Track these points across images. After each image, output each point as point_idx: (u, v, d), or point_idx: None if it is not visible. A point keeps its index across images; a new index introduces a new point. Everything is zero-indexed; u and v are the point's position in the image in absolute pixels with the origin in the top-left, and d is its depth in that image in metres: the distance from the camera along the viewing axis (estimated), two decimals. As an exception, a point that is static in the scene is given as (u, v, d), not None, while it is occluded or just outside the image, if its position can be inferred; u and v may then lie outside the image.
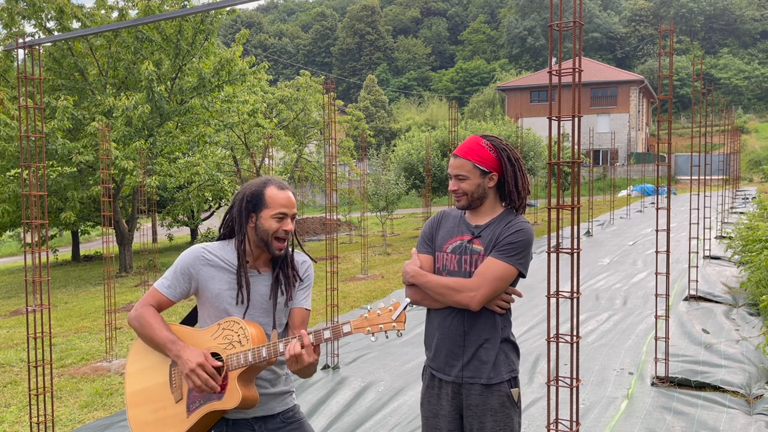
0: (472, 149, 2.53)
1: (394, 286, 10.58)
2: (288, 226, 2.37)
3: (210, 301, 2.39)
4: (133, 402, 2.41)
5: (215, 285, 2.38)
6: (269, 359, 2.24)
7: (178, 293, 2.40)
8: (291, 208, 2.39)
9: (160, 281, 2.42)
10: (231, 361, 2.26)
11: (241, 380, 2.25)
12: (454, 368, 2.53)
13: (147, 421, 2.37)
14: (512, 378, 2.54)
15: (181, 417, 2.31)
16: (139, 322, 2.36)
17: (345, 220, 24.91)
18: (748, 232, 9.16)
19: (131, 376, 2.44)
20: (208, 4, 3.45)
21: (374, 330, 2.15)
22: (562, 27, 2.79)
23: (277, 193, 2.37)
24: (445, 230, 2.64)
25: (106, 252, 7.53)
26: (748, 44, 69.51)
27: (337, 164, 7.58)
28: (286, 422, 2.47)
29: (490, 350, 2.50)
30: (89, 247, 25.48)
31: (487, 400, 2.49)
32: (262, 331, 2.33)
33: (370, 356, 6.24)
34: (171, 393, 2.35)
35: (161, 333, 2.32)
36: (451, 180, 2.59)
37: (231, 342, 2.27)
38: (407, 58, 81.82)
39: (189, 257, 2.40)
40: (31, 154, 4.03)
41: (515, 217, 2.56)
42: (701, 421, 4.43)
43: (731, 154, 22.69)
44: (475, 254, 2.52)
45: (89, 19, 14.63)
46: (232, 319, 2.31)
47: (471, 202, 2.55)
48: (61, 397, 5.65)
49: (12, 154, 13.07)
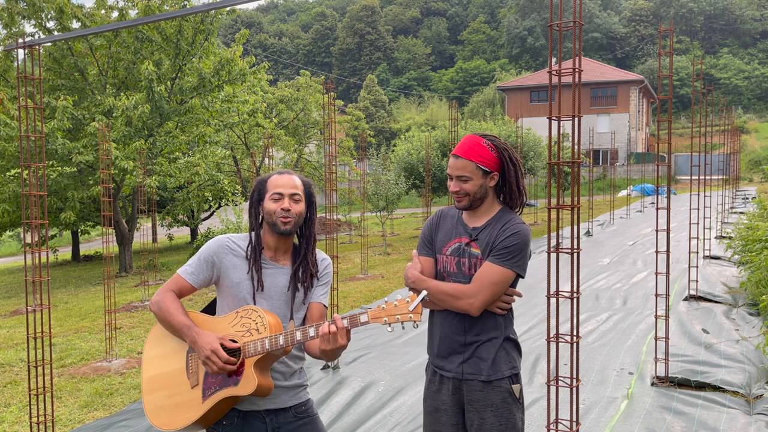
0: (473, 149, 2.50)
1: (394, 285, 10.58)
2: (285, 204, 2.41)
3: (230, 290, 2.44)
4: (149, 387, 2.44)
5: (236, 274, 2.43)
6: (286, 347, 2.26)
7: (200, 280, 2.46)
8: (287, 188, 2.44)
9: (184, 268, 2.48)
10: (248, 348, 2.28)
11: (257, 367, 2.28)
12: (454, 364, 2.55)
13: (162, 405, 2.40)
14: (513, 375, 2.54)
15: (196, 402, 2.34)
16: (159, 306, 2.40)
17: (345, 220, 24.91)
18: (748, 232, 9.16)
19: (148, 361, 2.47)
20: (208, 4, 3.45)
21: (391, 320, 2.17)
22: (562, 27, 2.79)
23: (276, 178, 2.47)
24: (443, 232, 2.64)
25: (106, 252, 7.53)
26: (748, 44, 69.52)
27: (337, 164, 7.57)
28: (297, 417, 2.48)
29: (491, 348, 2.51)
30: (89, 247, 25.48)
31: (488, 396, 2.50)
32: (280, 322, 2.36)
33: (370, 356, 6.24)
34: (187, 378, 2.38)
35: (179, 318, 2.36)
36: (451, 181, 2.56)
37: (249, 330, 2.30)
38: (407, 58, 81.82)
39: (214, 245, 2.47)
40: (31, 154, 4.03)
41: (511, 217, 2.55)
42: (701, 421, 4.43)
43: (731, 154, 22.69)
44: (473, 257, 2.52)
45: (89, 19, 14.63)
46: (250, 307, 2.35)
47: (472, 202, 2.54)
48: (61, 397, 5.65)
49: (12, 154, 13.07)
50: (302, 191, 2.49)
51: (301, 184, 2.50)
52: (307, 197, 2.52)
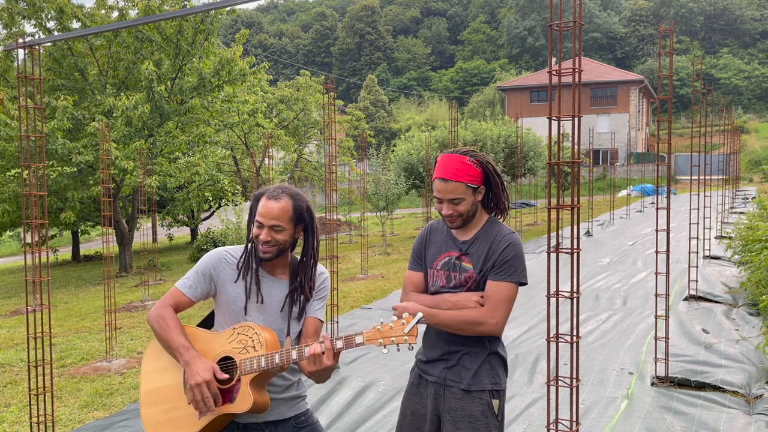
0: (460, 170, 2.48)
1: (394, 285, 10.58)
2: (262, 235, 2.37)
3: (227, 303, 2.44)
4: (147, 401, 2.44)
5: (233, 287, 2.43)
6: (282, 365, 2.26)
7: (198, 293, 2.45)
8: (267, 218, 2.37)
9: (182, 281, 2.46)
10: (244, 366, 2.28)
11: (253, 385, 2.28)
12: (438, 369, 2.58)
13: (160, 420, 2.40)
14: (495, 390, 2.54)
15: (193, 419, 2.34)
16: (158, 322, 2.39)
17: (345, 220, 24.91)
18: (748, 232, 9.15)
19: (146, 375, 2.47)
20: (208, 4, 3.45)
21: (386, 342, 2.19)
22: (562, 27, 2.79)
23: (264, 203, 2.40)
24: (434, 247, 2.66)
25: (106, 252, 7.53)
26: (748, 44, 69.52)
27: (337, 164, 7.57)
28: (297, 427, 2.49)
29: (475, 359, 2.52)
30: (89, 247, 25.48)
31: (466, 406, 2.51)
32: (276, 337, 2.36)
33: (370, 356, 6.24)
34: (184, 394, 2.37)
35: (177, 338, 2.34)
36: (442, 204, 2.53)
37: (245, 347, 2.31)
38: (407, 58, 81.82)
39: (211, 259, 2.46)
40: (31, 154, 4.03)
41: (499, 229, 2.56)
42: (701, 421, 4.43)
43: (731, 154, 22.69)
44: (464, 272, 2.54)
45: (89, 19, 14.62)
46: (247, 324, 2.34)
47: (466, 221, 2.55)
48: (61, 397, 5.65)
49: (12, 154, 13.06)
50: (287, 219, 2.39)
51: (290, 209, 2.39)
52: (298, 221, 2.42)
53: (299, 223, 2.44)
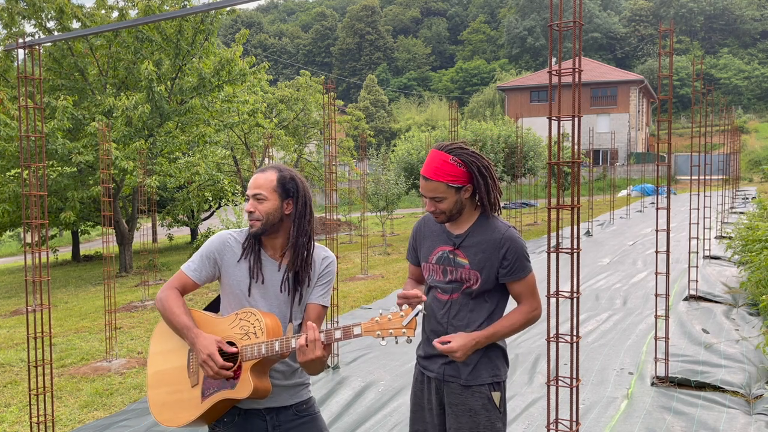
0: (441, 169, 2.46)
1: (394, 285, 10.58)
2: (247, 206, 2.40)
3: (230, 287, 2.44)
4: (152, 383, 2.47)
5: (237, 269, 2.44)
6: (282, 353, 2.26)
7: (203, 276, 2.46)
8: (250, 188, 2.41)
9: (187, 264, 2.48)
10: (245, 352, 2.29)
11: (254, 371, 2.29)
12: (437, 365, 2.60)
13: (164, 402, 2.43)
14: (495, 383, 2.55)
15: (196, 402, 2.37)
16: (163, 304, 2.41)
17: (345, 220, 24.91)
18: (748, 232, 9.16)
19: (153, 356, 2.51)
20: (208, 4, 3.45)
21: (384, 334, 2.17)
22: (562, 27, 2.79)
23: (252, 177, 2.46)
24: (428, 241, 2.67)
25: (106, 252, 7.53)
26: (748, 44, 69.52)
27: (337, 164, 7.57)
28: (298, 415, 2.49)
29: (473, 354, 2.52)
30: (89, 247, 25.48)
31: (467, 400, 2.53)
32: (278, 323, 2.36)
33: (370, 356, 6.24)
34: (188, 377, 2.40)
35: (180, 318, 2.36)
36: (425, 201, 2.56)
37: (247, 333, 2.31)
38: (407, 58, 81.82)
39: (216, 242, 2.46)
40: (31, 154, 4.03)
41: (496, 225, 2.55)
42: (701, 421, 4.43)
43: (731, 154, 22.69)
44: (460, 267, 2.55)
45: (89, 19, 14.62)
46: (249, 310, 2.35)
47: (450, 217, 2.55)
48: (61, 397, 5.65)
49: (12, 154, 13.06)
50: (271, 189, 2.38)
51: (273, 179, 2.39)
52: (284, 193, 2.40)
53: (286, 196, 2.41)
